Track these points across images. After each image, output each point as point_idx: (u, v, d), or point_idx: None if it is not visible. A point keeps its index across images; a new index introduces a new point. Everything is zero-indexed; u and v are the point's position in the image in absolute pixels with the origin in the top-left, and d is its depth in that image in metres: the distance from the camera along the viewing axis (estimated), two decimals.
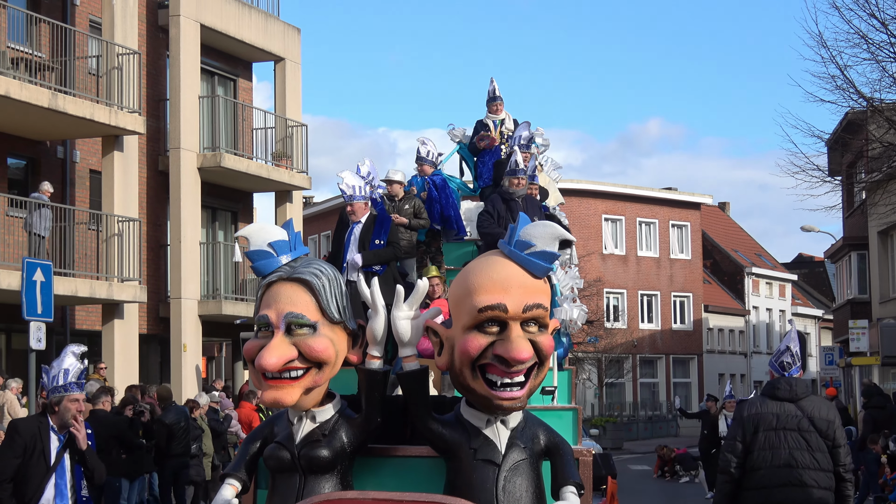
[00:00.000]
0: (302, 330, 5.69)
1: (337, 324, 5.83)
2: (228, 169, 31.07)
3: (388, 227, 12.41)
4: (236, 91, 34.53)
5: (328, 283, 5.79)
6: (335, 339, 5.79)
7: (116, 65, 27.82)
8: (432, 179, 14.68)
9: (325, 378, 5.80)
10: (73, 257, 27.25)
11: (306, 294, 5.74)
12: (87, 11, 29.54)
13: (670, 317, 66.62)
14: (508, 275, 5.53)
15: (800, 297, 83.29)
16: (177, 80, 30.36)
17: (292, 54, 34.89)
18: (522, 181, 13.59)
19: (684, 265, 67.22)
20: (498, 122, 15.83)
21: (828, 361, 47.59)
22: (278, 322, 5.69)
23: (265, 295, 5.83)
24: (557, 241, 5.58)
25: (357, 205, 12.39)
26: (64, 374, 9.54)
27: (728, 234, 78.84)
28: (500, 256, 5.63)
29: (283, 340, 5.65)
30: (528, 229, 5.60)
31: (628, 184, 67.32)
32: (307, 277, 5.76)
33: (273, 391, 5.64)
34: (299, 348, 5.67)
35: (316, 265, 5.84)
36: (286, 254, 5.91)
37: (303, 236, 46.64)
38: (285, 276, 5.80)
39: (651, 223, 65.70)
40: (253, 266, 5.94)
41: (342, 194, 12.41)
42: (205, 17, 31.23)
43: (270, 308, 5.74)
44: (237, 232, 6.43)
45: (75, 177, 28.88)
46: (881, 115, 29.69)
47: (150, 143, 30.88)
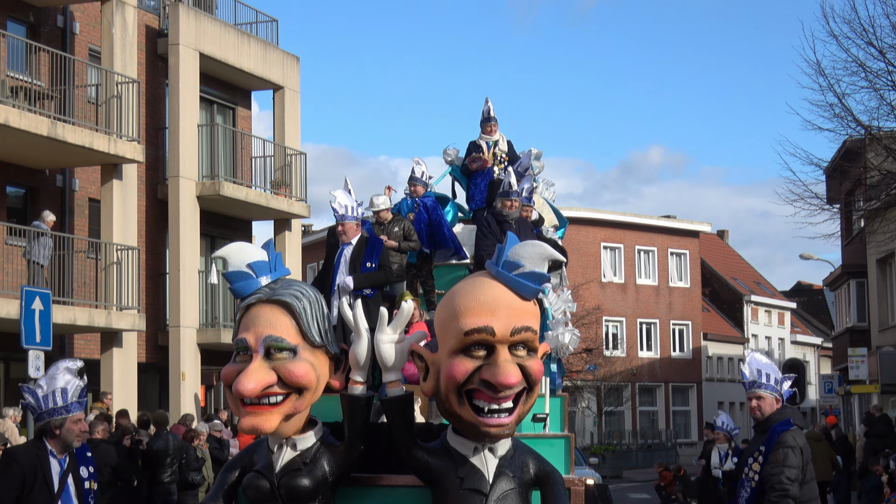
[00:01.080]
0: (282, 354, 5.47)
1: (318, 347, 5.61)
2: (227, 197, 31.01)
3: (379, 249, 12.14)
4: (235, 119, 34.51)
5: (309, 306, 5.57)
6: (316, 363, 5.58)
7: (116, 93, 27.79)
8: (423, 201, 14.44)
9: (305, 404, 5.58)
10: (71, 286, 27.16)
11: (286, 317, 5.53)
12: (87, 40, 29.53)
13: (669, 345, 66.45)
14: (496, 296, 5.32)
15: (799, 325, 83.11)
16: (176, 108, 30.33)
17: (291, 83, 34.87)
18: (516, 203, 13.28)
19: (683, 293, 67.09)
20: (491, 143, 15.47)
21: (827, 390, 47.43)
22: (257, 346, 5.48)
23: (244, 317, 5.60)
24: (547, 261, 5.38)
25: (348, 225, 12.12)
26: (62, 393, 8.81)
27: (727, 262, 78.72)
28: (487, 277, 5.43)
29: (261, 365, 5.43)
30: (517, 249, 5.40)
31: (628, 211, 67.34)
32: (287, 299, 5.55)
33: (251, 418, 5.42)
34: (279, 373, 5.45)
35: (297, 287, 5.64)
36: (266, 275, 5.69)
37: (302, 265, 46.38)
38: (265, 297, 5.58)
39: (650, 251, 65.60)
40: (231, 288, 5.73)
41: (333, 213, 12.17)
42: (204, 46, 31.22)
43: (249, 331, 5.52)
44: (214, 252, 5.98)
45: (74, 205, 28.81)
46: (879, 142, 29.66)
47: (149, 171, 30.83)
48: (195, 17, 31.10)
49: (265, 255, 5.78)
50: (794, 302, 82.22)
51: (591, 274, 61.17)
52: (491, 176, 15.13)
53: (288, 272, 5.77)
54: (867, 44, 28.27)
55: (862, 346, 43.93)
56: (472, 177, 15.52)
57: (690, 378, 67.81)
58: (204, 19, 31.50)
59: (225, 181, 31.30)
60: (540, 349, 5.48)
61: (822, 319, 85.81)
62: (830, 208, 32.59)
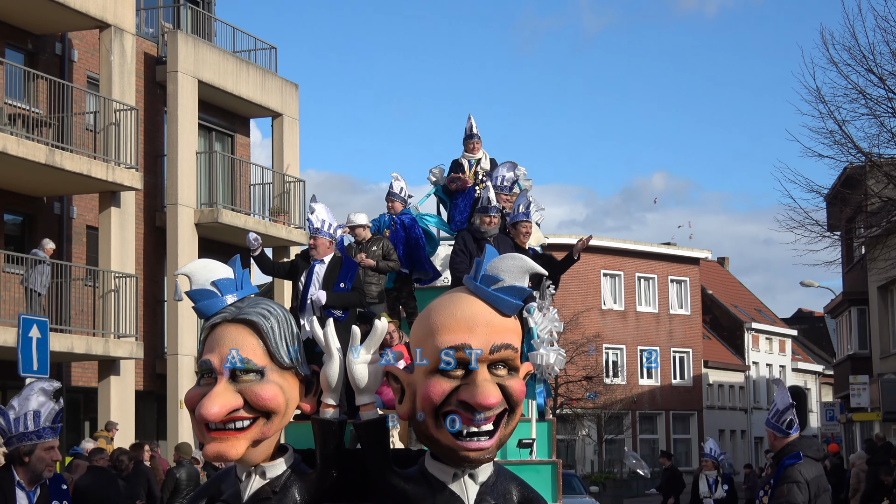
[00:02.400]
0: (248, 376, 5.16)
1: (287, 369, 5.30)
2: (226, 225, 30.93)
3: (354, 271, 11.80)
4: (234, 147, 34.48)
5: (277, 325, 5.29)
6: (285, 385, 5.27)
7: (114, 121, 27.76)
8: (400, 218, 14.06)
9: (274, 429, 5.28)
10: (69, 313, 27.07)
11: (253, 337, 5.23)
12: (85, 67, 29.54)
13: (670, 372, 66.29)
14: (474, 313, 5.05)
15: (800, 352, 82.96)
16: (174, 135, 30.30)
17: (290, 110, 34.85)
18: (494, 220, 12.84)
19: (683, 321, 66.97)
20: (474, 161, 15.04)
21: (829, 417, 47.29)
22: (221, 367, 5.17)
23: (208, 338, 5.31)
24: (527, 274, 5.10)
25: (321, 240, 11.79)
26: (34, 416, 7.93)
27: (727, 290, 78.64)
28: (464, 293, 5.16)
29: (226, 388, 5.13)
30: (496, 263, 5.13)
31: (628, 238, 67.30)
32: (254, 318, 5.26)
33: (216, 444, 5.11)
34: (245, 396, 5.13)
35: (264, 305, 5.36)
36: (232, 293, 5.42)
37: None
38: (230, 317, 5.30)
39: (650, 278, 65.53)
40: (195, 307, 5.46)
41: (308, 225, 11.84)
42: (202, 73, 31.21)
43: (213, 352, 5.21)
44: (177, 270, 5.68)
45: (72, 233, 28.76)
46: (880, 169, 29.61)
47: (148, 198, 30.78)
48: (194, 44, 31.10)
49: (231, 272, 5.50)
50: (795, 329, 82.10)
51: (591, 301, 61.07)
52: (471, 196, 14.69)
53: (255, 290, 5.50)
54: (867, 70, 28.25)
55: (863, 374, 43.80)
56: (452, 197, 15.09)
57: (691, 406, 67.63)
58: (202, 47, 31.50)
59: (223, 209, 31.24)
60: (522, 369, 5.19)
61: (823, 347, 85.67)
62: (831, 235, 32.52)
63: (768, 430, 9.78)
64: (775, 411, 9.70)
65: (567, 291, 58.77)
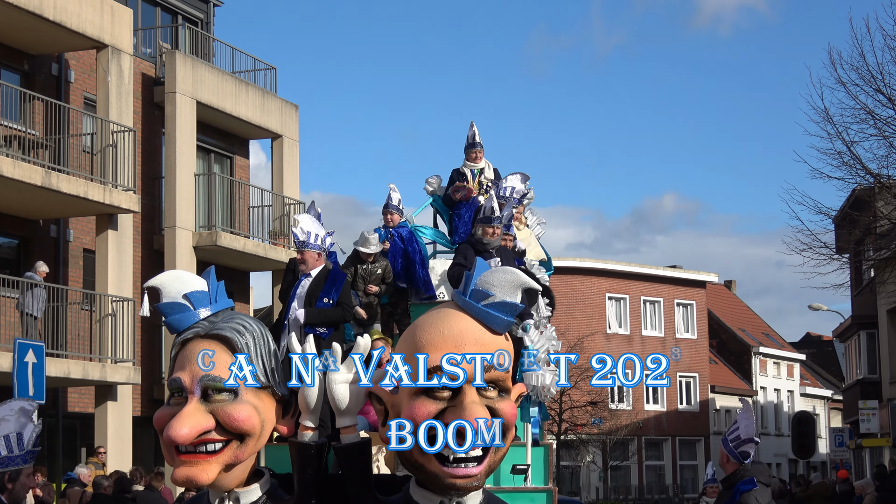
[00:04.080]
0: (221, 395, 4.84)
1: (263, 388, 4.97)
2: (225, 248, 30.91)
3: (340, 284, 11.37)
4: (233, 168, 34.50)
5: (253, 341, 4.96)
6: (261, 406, 4.95)
7: (111, 142, 27.77)
8: (398, 231, 13.80)
9: (248, 452, 4.94)
10: (65, 338, 27.04)
11: (226, 353, 4.91)
12: (82, 88, 29.57)
13: (676, 398, 66.18)
14: (462, 329, 4.75)
15: (808, 377, 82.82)
16: (172, 157, 30.31)
17: (290, 131, 34.88)
18: (497, 230, 12.56)
19: (690, 345, 66.89)
20: (476, 170, 14.70)
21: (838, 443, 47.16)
22: (193, 386, 4.83)
23: (179, 355, 4.84)
24: (520, 289, 4.76)
25: (308, 254, 11.35)
26: (17, 439, 7.45)
27: (734, 313, 78.57)
28: (453, 309, 4.84)
29: (197, 408, 4.82)
30: (486, 277, 4.80)
31: (633, 262, 67.27)
32: (227, 334, 4.94)
33: (186, 468, 4.77)
34: (217, 417, 4.82)
35: (239, 320, 5.02)
36: (205, 307, 5.07)
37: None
38: (202, 332, 4.95)
39: (656, 302, 65.48)
40: (166, 321, 5.06)
41: (294, 239, 11.45)
42: (201, 94, 31.24)
43: (184, 370, 4.86)
44: (146, 282, 5.63)
45: (68, 256, 28.74)
46: (889, 191, 29.61)
47: (145, 221, 30.76)
48: (192, 64, 31.15)
49: (205, 284, 5.16)
50: (804, 353, 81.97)
51: (596, 325, 61.00)
52: (475, 207, 14.05)
53: (231, 304, 5.21)
54: (875, 91, 28.30)
55: (873, 399, 43.72)
56: (455, 208, 14.70)
57: (698, 431, 67.48)
58: (201, 67, 31.54)
59: (222, 231, 31.23)
60: (514, 390, 4.80)
61: (831, 371, 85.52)
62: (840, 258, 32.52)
63: (723, 449, 9.92)
64: (736, 437, 9.85)
65: (571, 315, 58.73)
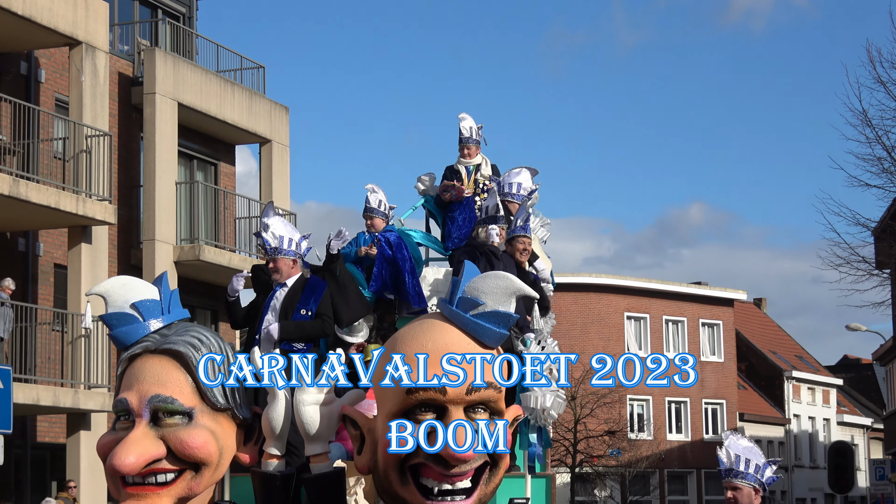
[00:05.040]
0: (173, 419, 4.70)
1: (222, 411, 4.83)
2: (208, 262, 30.91)
3: (320, 293, 10.97)
4: (217, 176, 34.50)
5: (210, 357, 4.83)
6: (219, 431, 4.80)
7: (85, 148, 27.78)
8: (384, 236, 13.26)
9: (204, 484, 4.78)
10: (34, 361, 27.01)
11: (179, 371, 4.76)
12: (53, 89, 29.58)
13: (701, 426, 66.09)
14: (448, 343, 4.64)
15: (846, 403, 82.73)
16: (152, 164, 30.31)
17: (280, 135, 34.90)
18: (503, 232, 12.25)
19: (716, 368, 66.83)
20: (472, 167, 14.22)
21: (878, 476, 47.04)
22: (141, 408, 4.70)
23: (126, 373, 4.81)
24: (513, 297, 4.67)
25: (283, 261, 10.83)
26: None
27: (765, 334, 78.52)
28: (438, 320, 4.77)
29: (146, 433, 4.67)
30: (476, 283, 4.69)
31: (656, 277, 67.25)
32: (180, 349, 4.78)
33: (133, 502, 4.63)
34: (169, 443, 4.68)
35: (195, 332, 4.89)
36: (156, 318, 4.91)
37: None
38: (153, 347, 4.81)
39: (679, 322, 65.44)
40: (111, 334, 4.94)
41: (264, 245, 10.92)
42: (183, 95, 31.26)
43: (132, 390, 4.73)
44: (89, 290, 5.17)
45: (38, 272, 28.73)
46: None
47: (122, 234, 30.76)
48: (173, 63, 31.17)
49: (156, 291, 5.00)
50: (841, 378, 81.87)
51: (614, 347, 60.93)
52: (471, 208, 13.83)
53: (186, 314, 5.06)
54: None
55: None
56: (447, 209, 14.17)
57: None
58: (183, 66, 31.57)
59: (206, 245, 31.23)
60: (509, 412, 4.80)
61: (871, 397, 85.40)
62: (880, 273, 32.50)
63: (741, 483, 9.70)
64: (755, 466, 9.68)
65: (587, 335, 58.72)
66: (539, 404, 11.80)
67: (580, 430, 54.31)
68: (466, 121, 14.41)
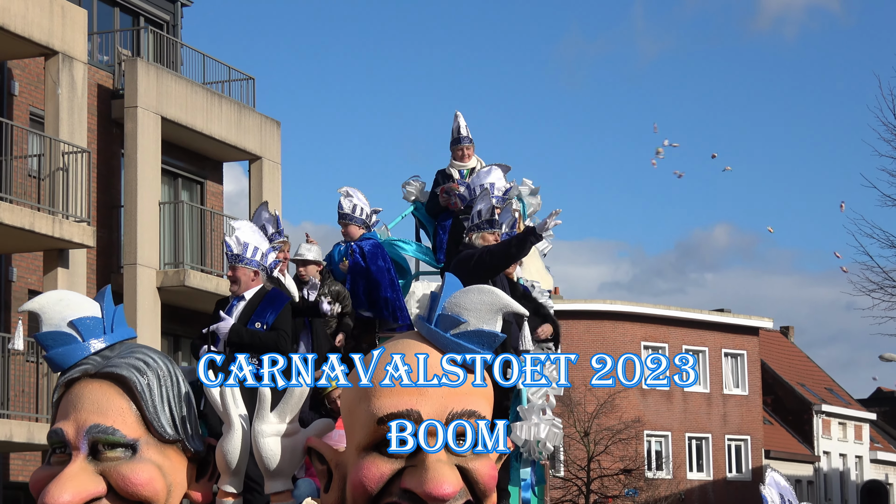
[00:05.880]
0: (114, 452, 4.50)
1: (171, 443, 4.64)
2: (193, 288, 30.87)
3: (279, 307, 10.59)
4: (204, 196, 34.51)
5: (157, 381, 4.63)
6: (167, 466, 4.60)
7: (62, 165, 27.78)
8: (358, 245, 12.88)
9: None
10: (7, 395, 27.00)
11: (122, 398, 4.56)
12: (28, 103, 29.61)
13: (724, 464, 65.98)
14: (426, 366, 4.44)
15: (880, 440, 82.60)
16: (133, 183, 30.31)
17: (270, 152, 34.90)
18: (498, 238, 11.74)
19: (740, 402, 66.74)
20: (466, 171, 13.93)
21: None
22: (78, 440, 4.51)
23: (63, 399, 4.64)
24: (499, 314, 4.45)
25: (242, 271, 10.60)
26: None
27: (792, 365, 78.42)
28: (415, 340, 4.57)
29: (83, 468, 4.46)
30: (457, 299, 4.48)
31: (678, 304, 67.05)
32: (123, 372, 4.57)
33: None
34: (109, 480, 4.47)
35: (141, 354, 4.68)
36: (97, 337, 4.72)
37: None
38: (92, 370, 4.62)
39: (700, 352, 65.35)
40: (46, 356, 4.77)
41: (226, 251, 10.67)
42: (167, 109, 31.27)
43: (68, 419, 4.55)
44: (22, 305, 4.97)
45: (11, 298, 28.71)
46: None
47: (101, 257, 30.75)
48: (156, 74, 31.20)
49: (97, 308, 4.82)
50: (874, 412, 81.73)
51: None
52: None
53: (132, 334, 4.87)
54: None
55: None
56: (439, 218, 13.83)
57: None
58: (167, 77, 31.60)
59: (191, 269, 31.23)
60: None
61: None
62: None
63: None
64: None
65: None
66: (532, 435, 11.32)
67: (594, 469, 54.21)
68: (461, 119, 14.14)
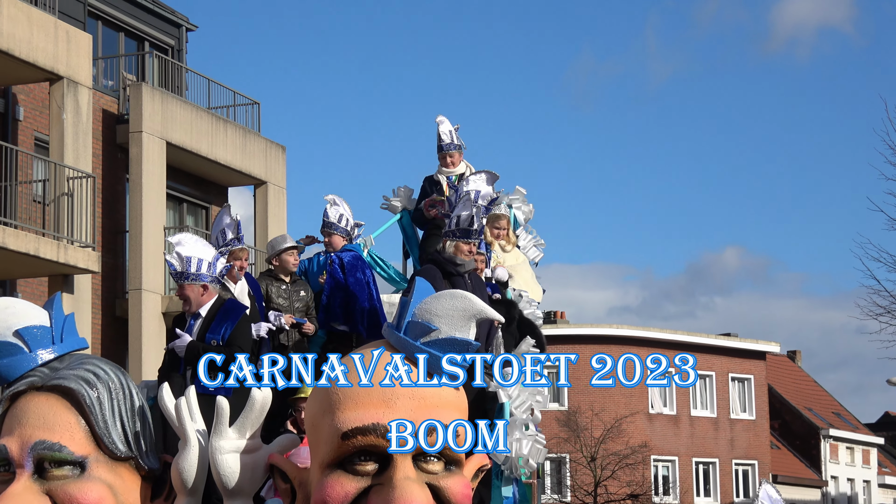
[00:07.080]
0: (61, 470, 4.26)
1: (123, 460, 4.41)
2: None
3: (234, 319, 10.32)
4: (209, 221, 34.44)
5: (108, 395, 4.40)
6: (118, 485, 4.37)
7: (67, 190, 27.76)
8: (339, 257, 12.50)
9: None
10: None
11: (70, 412, 4.33)
12: (33, 128, 29.60)
13: (731, 489, 65.85)
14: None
15: (888, 464, 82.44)
16: (138, 208, 30.29)
17: (276, 177, 34.89)
18: (473, 248, 11.33)
19: (747, 427, 66.63)
20: (454, 177, 13.45)
21: None
22: (22, 457, 4.27)
23: (7, 414, 4.39)
24: (472, 321, 4.23)
25: (191, 289, 10.23)
26: None
27: (800, 390, 78.32)
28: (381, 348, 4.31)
29: (28, 487, 4.23)
30: (428, 304, 4.26)
31: (687, 329, 67.07)
32: (71, 385, 4.34)
33: None
34: (56, 499, 4.25)
35: (91, 365, 4.46)
36: (45, 348, 4.50)
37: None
38: (39, 383, 4.38)
39: (707, 376, 65.26)
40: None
41: (169, 270, 10.11)
42: (172, 134, 31.27)
43: (12, 435, 4.30)
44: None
45: None
46: None
47: (106, 283, 30.73)
48: (161, 99, 31.22)
49: (46, 317, 4.61)
50: (882, 437, 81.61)
51: (637, 404, 60.80)
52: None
53: (84, 344, 4.66)
54: None
55: None
56: (427, 227, 13.39)
57: None
58: (172, 102, 31.61)
59: None
60: (470, 462, 4.31)
61: None
62: None
63: None
64: None
65: (608, 392, 58.57)
66: (514, 452, 10.88)
67: (601, 494, 54.14)
68: (445, 124, 13.72)
